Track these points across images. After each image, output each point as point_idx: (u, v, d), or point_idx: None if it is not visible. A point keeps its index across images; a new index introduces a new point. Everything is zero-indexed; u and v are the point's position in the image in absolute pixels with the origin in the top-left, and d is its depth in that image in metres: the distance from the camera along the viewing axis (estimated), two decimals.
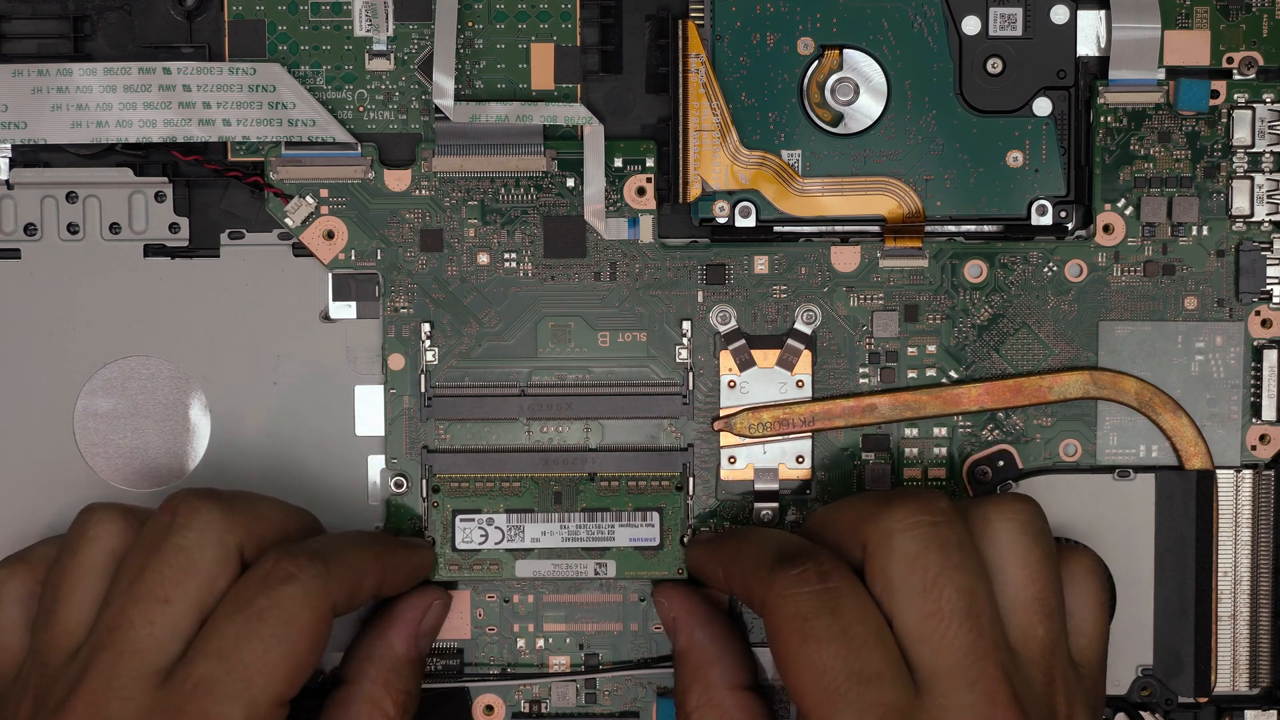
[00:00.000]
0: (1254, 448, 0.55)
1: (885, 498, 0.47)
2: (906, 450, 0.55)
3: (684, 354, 0.55)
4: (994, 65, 0.54)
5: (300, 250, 0.54)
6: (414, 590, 0.53)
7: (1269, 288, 0.55)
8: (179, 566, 0.46)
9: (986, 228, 0.55)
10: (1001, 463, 0.55)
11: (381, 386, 0.55)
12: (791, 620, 0.45)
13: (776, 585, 0.46)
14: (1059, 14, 0.54)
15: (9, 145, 0.53)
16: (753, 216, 0.54)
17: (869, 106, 0.54)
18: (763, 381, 0.55)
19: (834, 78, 0.53)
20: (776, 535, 0.50)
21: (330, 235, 0.54)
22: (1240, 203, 0.54)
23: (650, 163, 0.54)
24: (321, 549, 0.48)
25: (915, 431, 0.55)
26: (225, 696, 0.44)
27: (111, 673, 0.44)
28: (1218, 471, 0.55)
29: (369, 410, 0.55)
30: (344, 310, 0.55)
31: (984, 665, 0.44)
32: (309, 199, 0.54)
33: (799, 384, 0.55)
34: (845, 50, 0.53)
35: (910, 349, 0.55)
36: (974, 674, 0.44)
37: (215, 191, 0.55)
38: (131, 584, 0.46)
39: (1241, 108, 0.54)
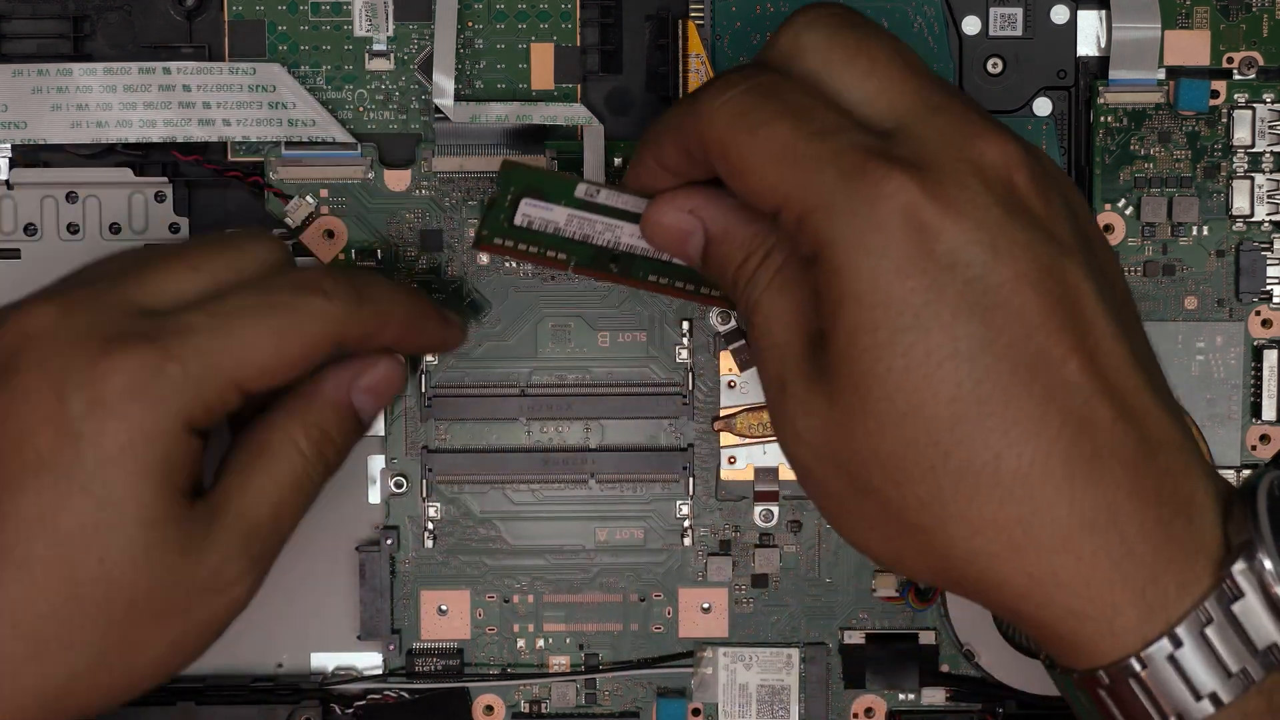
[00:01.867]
0: (1254, 448, 0.55)
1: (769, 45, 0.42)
2: None
3: (684, 354, 0.55)
4: (994, 65, 0.54)
5: (300, 250, 0.54)
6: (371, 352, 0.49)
7: (1269, 288, 0.55)
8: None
9: None
10: None
11: None
12: (732, 123, 0.40)
13: (704, 103, 0.41)
14: (1059, 14, 0.54)
15: (9, 145, 0.53)
16: None
17: None
18: None
19: None
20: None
21: (330, 235, 0.54)
22: (1240, 203, 0.54)
23: None
24: (365, 285, 0.47)
25: None
26: (196, 346, 0.43)
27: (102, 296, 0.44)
28: (1218, 472, 0.55)
29: None
30: None
31: (944, 96, 0.41)
32: (309, 199, 0.54)
33: None
34: None
35: None
36: (936, 101, 0.40)
37: (215, 191, 0.55)
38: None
39: (1241, 108, 0.54)
